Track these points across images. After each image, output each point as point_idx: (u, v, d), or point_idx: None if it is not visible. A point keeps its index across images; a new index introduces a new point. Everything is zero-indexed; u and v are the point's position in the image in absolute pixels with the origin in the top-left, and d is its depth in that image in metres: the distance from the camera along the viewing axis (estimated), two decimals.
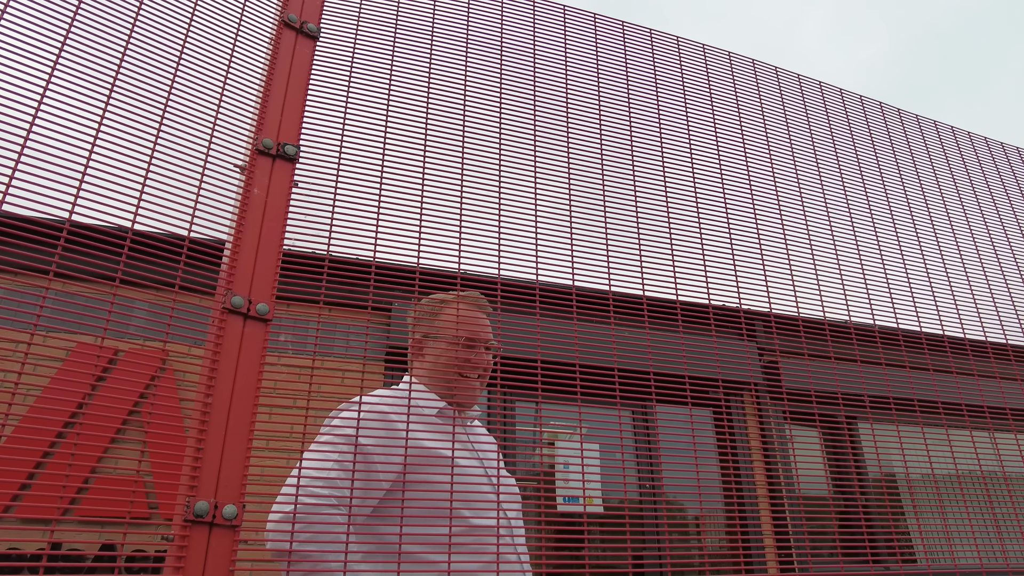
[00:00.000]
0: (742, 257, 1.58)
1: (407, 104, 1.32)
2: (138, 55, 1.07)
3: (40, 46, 0.99)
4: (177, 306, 0.99)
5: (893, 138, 1.98)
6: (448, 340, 1.43)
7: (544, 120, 1.44)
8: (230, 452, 0.96)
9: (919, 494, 4.90)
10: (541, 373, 1.65)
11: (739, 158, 1.65)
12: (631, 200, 1.47)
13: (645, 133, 1.55)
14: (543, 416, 4.25)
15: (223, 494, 0.94)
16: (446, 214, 1.23)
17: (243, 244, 1.05)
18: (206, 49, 1.15)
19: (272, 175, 1.12)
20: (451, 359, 1.42)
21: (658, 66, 1.62)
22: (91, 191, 0.95)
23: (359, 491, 1.18)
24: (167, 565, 0.89)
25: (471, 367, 1.43)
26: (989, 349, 1.86)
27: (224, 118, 1.11)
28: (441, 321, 1.46)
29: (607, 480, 4.37)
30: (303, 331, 3.68)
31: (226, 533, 0.93)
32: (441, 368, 1.41)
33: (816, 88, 1.88)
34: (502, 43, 1.44)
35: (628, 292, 1.43)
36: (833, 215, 1.74)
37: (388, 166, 1.22)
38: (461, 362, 1.42)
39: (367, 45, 1.33)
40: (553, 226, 1.38)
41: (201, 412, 0.96)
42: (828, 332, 1.63)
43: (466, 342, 1.44)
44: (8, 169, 0.90)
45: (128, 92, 1.05)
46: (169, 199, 1.01)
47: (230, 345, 0.99)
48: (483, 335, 1.46)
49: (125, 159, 1.00)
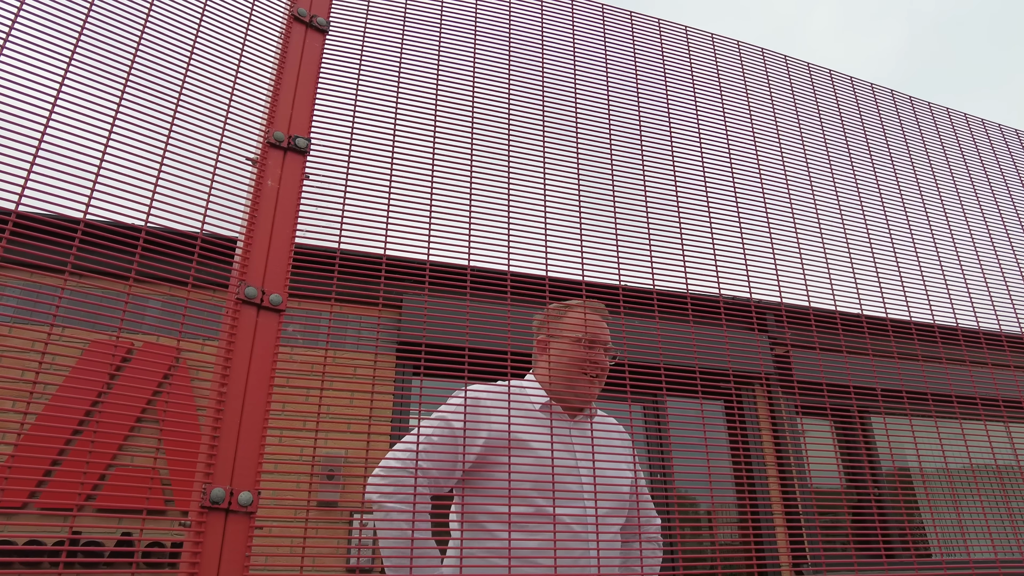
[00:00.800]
0: (753, 249, 1.58)
1: (416, 96, 1.33)
2: (150, 51, 1.08)
3: (54, 44, 1.00)
4: (190, 302, 1.01)
5: (905, 128, 1.96)
6: (571, 340, 1.55)
7: (553, 113, 1.44)
8: (245, 439, 0.98)
9: (932, 487, 4.86)
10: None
11: (750, 149, 1.65)
12: (641, 193, 1.47)
13: (655, 125, 1.55)
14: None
15: (238, 481, 0.95)
16: (456, 207, 1.24)
17: (256, 235, 1.06)
18: (218, 44, 1.16)
19: (284, 167, 1.13)
20: (572, 359, 1.54)
21: (667, 57, 1.61)
22: (104, 188, 0.97)
23: (443, 463, 1.36)
24: (185, 551, 0.91)
25: (590, 366, 1.53)
26: (1004, 340, 1.85)
27: (236, 111, 1.13)
28: (565, 323, 1.59)
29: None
30: (314, 324, 3.70)
31: (242, 519, 0.94)
32: (563, 366, 1.53)
33: (826, 77, 1.87)
34: (510, 35, 1.44)
35: (638, 285, 1.43)
36: (845, 206, 1.73)
37: (398, 158, 1.23)
38: (580, 361, 1.53)
39: (376, 38, 1.34)
40: (562, 219, 1.39)
41: (216, 400, 0.97)
42: (839, 324, 1.63)
43: (587, 342, 1.54)
44: (24, 167, 0.91)
45: (141, 88, 1.06)
46: (182, 194, 1.03)
47: (244, 334, 1.01)
48: (603, 337, 1.59)
49: (138, 155, 1.01)
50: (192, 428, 3.31)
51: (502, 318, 3.47)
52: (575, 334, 1.54)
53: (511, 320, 1.68)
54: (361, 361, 3.76)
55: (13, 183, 0.91)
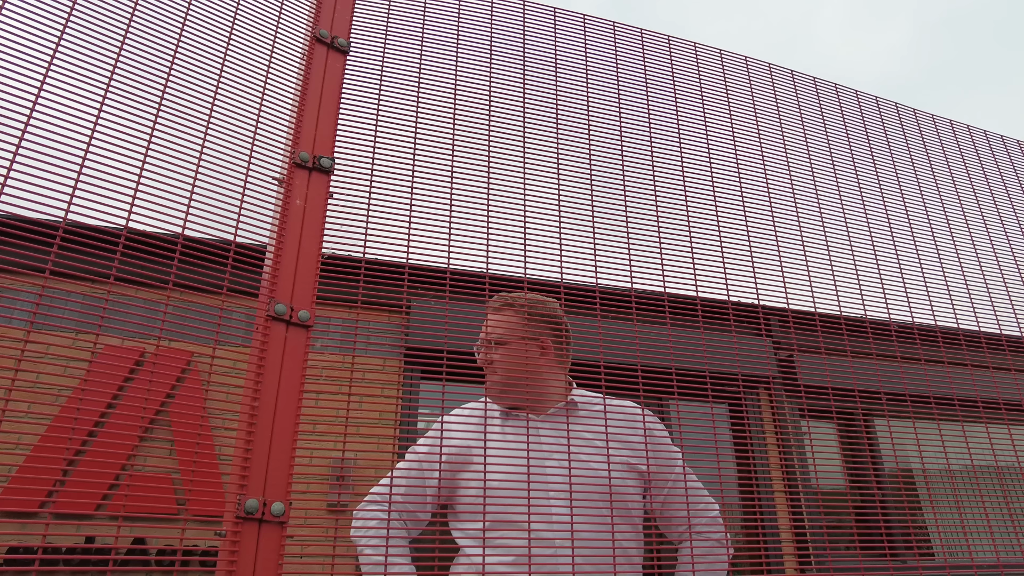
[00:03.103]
0: (759, 255, 1.61)
1: (434, 113, 1.36)
2: (182, 75, 1.12)
3: (94, 65, 1.04)
4: (215, 311, 1.05)
5: (908, 137, 2.00)
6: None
7: (566, 125, 1.48)
8: (276, 452, 1.01)
9: (935, 489, 4.90)
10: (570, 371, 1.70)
11: (756, 157, 1.68)
12: (651, 201, 1.51)
13: (663, 134, 1.59)
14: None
15: (271, 492, 0.99)
16: (474, 221, 1.28)
17: (284, 254, 1.10)
18: (243, 67, 1.20)
19: (309, 187, 1.17)
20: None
21: (676, 69, 1.65)
22: (141, 202, 1.01)
23: (414, 499, 1.41)
24: (221, 559, 0.95)
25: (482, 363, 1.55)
26: (1004, 343, 1.89)
27: (263, 132, 1.16)
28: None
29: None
30: (334, 332, 3.74)
31: (275, 529, 0.98)
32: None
33: (831, 88, 1.91)
34: (524, 54, 1.48)
35: (649, 290, 1.47)
36: (849, 212, 1.77)
37: (418, 174, 1.27)
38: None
39: (395, 58, 1.38)
40: (576, 227, 1.42)
41: (248, 415, 1.01)
42: (844, 328, 1.66)
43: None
44: (71, 180, 0.95)
45: (171, 110, 1.10)
46: (213, 213, 1.06)
47: (274, 350, 1.05)
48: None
49: (172, 174, 1.05)
50: (204, 431, 3.35)
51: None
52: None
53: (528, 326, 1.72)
54: (369, 366, 3.80)
55: (60, 195, 0.95)
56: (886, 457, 4.84)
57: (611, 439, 1.42)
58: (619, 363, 1.57)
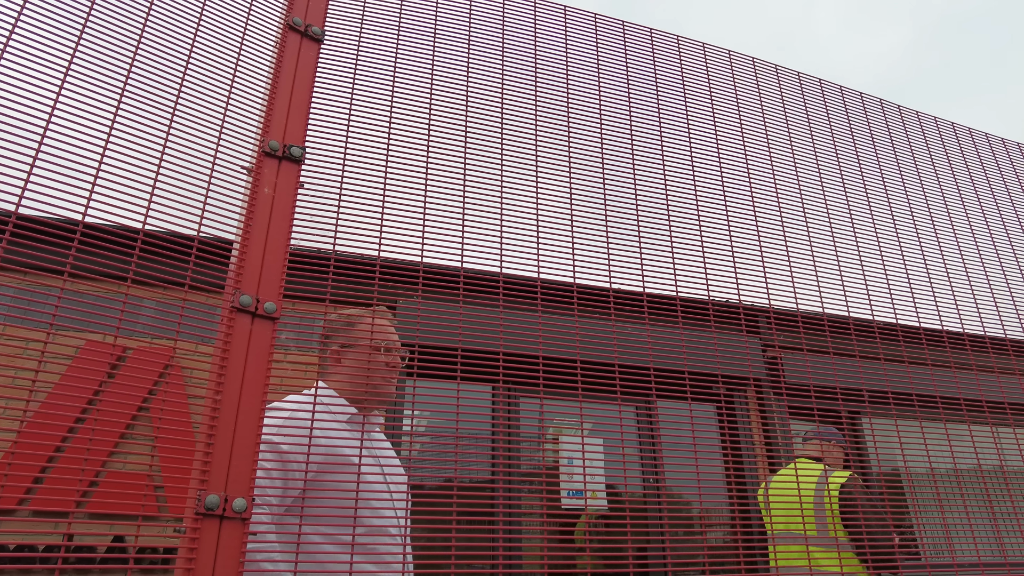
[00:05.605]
0: (742, 253, 1.60)
1: (410, 104, 1.34)
2: (147, 59, 1.09)
3: (52, 50, 1.01)
4: (184, 304, 1.02)
5: (893, 134, 1.99)
6: (370, 348, 1.60)
7: (545, 119, 1.46)
8: (239, 447, 0.99)
9: (919, 490, 4.91)
10: (543, 369, 1.68)
11: (739, 154, 1.67)
12: (632, 197, 1.49)
13: (645, 131, 1.57)
14: (546, 412, 4.26)
15: (233, 488, 0.96)
16: (449, 213, 1.26)
17: (251, 244, 1.07)
18: (213, 52, 1.17)
19: (279, 176, 1.14)
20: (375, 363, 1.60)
21: (658, 64, 1.63)
22: (103, 192, 0.98)
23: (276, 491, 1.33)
24: (180, 556, 0.92)
25: (389, 370, 1.60)
26: (988, 344, 1.88)
27: (231, 120, 1.14)
28: (362, 332, 1.64)
29: (610, 476, 4.40)
30: (307, 328, 3.70)
31: (236, 526, 0.95)
32: (367, 373, 1.58)
33: (816, 85, 1.90)
34: (503, 43, 1.46)
35: (629, 288, 1.45)
36: (833, 211, 1.75)
37: (392, 166, 1.24)
38: (380, 366, 1.60)
39: (370, 47, 1.35)
40: (554, 223, 1.40)
41: (211, 408, 0.98)
42: (827, 327, 1.65)
43: (385, 348, 1.61)
44: (23, 171, 0.92)
45: (137, 95, 1.07)
46: (178, 200, 1.04)
47: (238, 343, 1.02)
48: (397, 344, 1.68)
49: (135, 161, 1.02)
50: (186, 428, 3.31)
51: (495, 321, 3.48)
52: (377, 342, 1.60)
53: (504, 324, 1.70)
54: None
55: (12, 185, 0.92)
56: (872, 456, 4.85)
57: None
58: (597, 361, 1.55)
